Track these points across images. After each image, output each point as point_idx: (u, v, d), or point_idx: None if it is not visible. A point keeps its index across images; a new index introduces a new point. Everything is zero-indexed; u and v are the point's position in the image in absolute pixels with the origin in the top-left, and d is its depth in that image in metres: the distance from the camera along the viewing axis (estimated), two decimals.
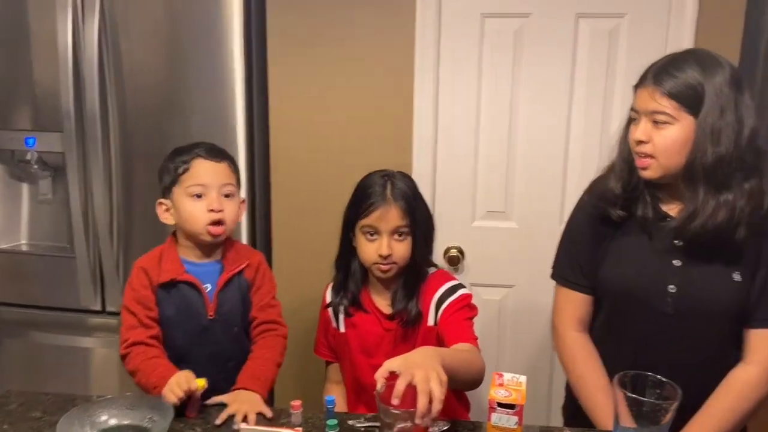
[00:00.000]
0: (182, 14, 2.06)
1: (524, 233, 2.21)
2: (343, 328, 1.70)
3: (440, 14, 2.11)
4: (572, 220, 1.64)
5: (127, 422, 1.34)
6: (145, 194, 2.17)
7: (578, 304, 1.60)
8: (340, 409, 1.64)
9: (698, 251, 1.44)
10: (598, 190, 1.55)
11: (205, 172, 1.53)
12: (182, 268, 1.56)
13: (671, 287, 1.45)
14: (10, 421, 1.39)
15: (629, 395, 1.21)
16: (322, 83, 2.19)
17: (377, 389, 1.21)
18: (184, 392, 1.37)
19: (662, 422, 1.20)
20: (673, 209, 1.48)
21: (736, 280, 1.43)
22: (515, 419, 1.26)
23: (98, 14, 2.04)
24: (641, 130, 1.41)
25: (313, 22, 2.15)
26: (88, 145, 2.12)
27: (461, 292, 1.64)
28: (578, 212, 1.63)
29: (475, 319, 1.64)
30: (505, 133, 2.17)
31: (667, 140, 1.38)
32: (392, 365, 1.22)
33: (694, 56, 1.40)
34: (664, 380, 1.24)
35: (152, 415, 1.34)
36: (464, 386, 1.52)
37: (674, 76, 1.37)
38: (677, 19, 2.00)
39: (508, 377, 1.32)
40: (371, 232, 1.59)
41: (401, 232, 1.59)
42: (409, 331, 1.64)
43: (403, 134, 2.18)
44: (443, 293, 1.64)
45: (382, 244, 1.58)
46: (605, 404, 1.51)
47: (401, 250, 1.60)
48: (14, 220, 2.33)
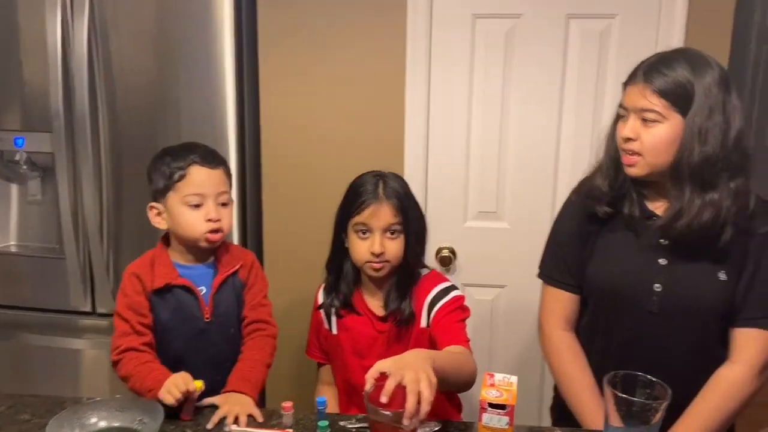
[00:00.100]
0: (172, 13, 2.05)
1: (516, 233, 2.22)
2: (335, 329, 1.70)
3: (431, 15, 2.11)
4: (559, 219, 1.64)
5: (116, 424, 1.34)
6: (135, 194, 2.16)
7: (565, 303, 1.60)
8: (331, 410, 1.64)
9: (684, 250, 1.44)
10: (585, 188, 1.56)
11: (202, 180, 1.52)
12: (176, 272, 1.56)
13: (657, 286, 1.46)
14: None
15: (619, 395, 1.21)
16: (313, 83, 2.19)
17: (366, 389, 1.21)
18: (182, 393, 1.36)
19: (652, 422, 1.21)
20: (658, 207, 1.48)
21: (721, 279, 1.44)
22: (506, 419, 1.26)
23: (87, 13, 2.03)
24: (629, 127, 1.41)
25: (304, 22, 2.15)
26: (77, 145, 2.10)
27: (454, 293, 1.65)
28: (565, 211, 1.63)
29: (467, 320, 1.64)
30: (496, 133, 2.17)
31: (655, 138, 1.39)
32: (383, 366, 1.22)
33: (684, 55, 1.40)
34: (654, 380, 1.24)
35: (142, 417, 1.33)
36: (456, 388, 1.52)
37: (665, 74, 1.37)
38: (667, 19, 2.01)
39: (499, 377, 1.32)
40: (363, 230, 1.59)
41: (393, 230, 1.59)
42: (402, 331, 1.64)
43: (394, 135, 2.18)
44: (436, 295, 1.64)
45: (374, 241, 1.58)
46: (591, 403, 1.51)
47: (394, 248, 1.60)
48: (3, 220, 2.31)
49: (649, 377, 1.25)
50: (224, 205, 1.56)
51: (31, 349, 2.29)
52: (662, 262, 1.46)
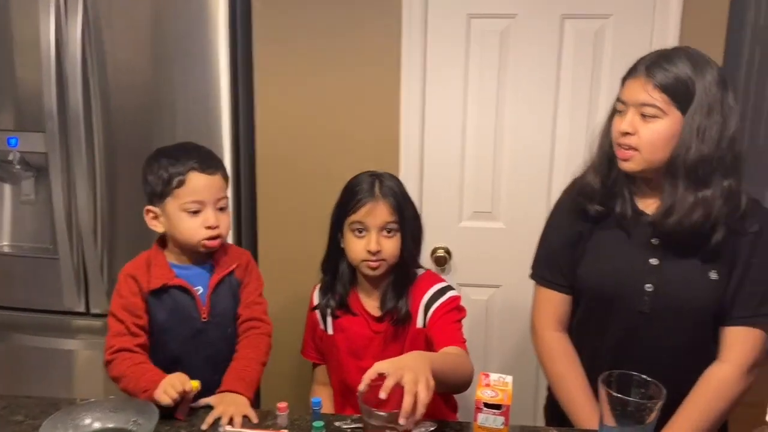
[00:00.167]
0: (167, 12, 2.05)
1: (511, 233, 2.22)
2: (330, 330, 1.69)
3: (426, 15, 2.11)
4: (551, 219, 1.64)
5: (111, 425, 1.33)
6: (129, 195, 2.15)
7: (557, 303, 1.60)
8: (326, 410, 1.64)
9: (675, 250, 1.45)
10: (576, 186, 1.55)
11: (201, 187, 1.52)
12: (172, 272, 1.55)
13: (648, 286, 1.46)
14: None
15: (614, 395, 1.22)
16: (308, 83, 2.18)
17: (359, 389, 1.22)
18: (178, 393, 1.36)
19: (647, 422, 1.21)
20: (649, 206, 1.48)
21: (712, 278, 1.44)
22: (501, 419, 1.26)
23: (81, 13, 2.02)
24: (628, 121, 1.41)
25: (299, 23, 2.14)
26: (71, 145, 2.09)
27: (450, 294, 1.65)
28: (557, 212, 1.63)
29: (463, 320, 1.64)
30: (491, 133, 2.17)
31: (653, 134, 1.38)
32: (381, 367, 1.22)
33: (685, 53, 1.40)
34: (648, 380, 1.25)
35: (137, 418, 1.33)
36: (454, 389, 1.52)
37: (667, 69, 1.37)
38: (662, 20, 2.01)
39: (494, 377, 1.32)
40: (360, 229, 1.59)
41: (390, 228, 1.59)
42: (399, 331, 1.64)
43: (389, 135, 2.18)
44: (432, 295, 1.64)
45: (370, 239, 1.58)
46: (584, 404, 1.52)
47: (390, 246, 1.59)
48: None
49: (643, 377, 1.25)
50: (222, 209, 1.56)
51: (24, 349, 2.28)
52: (653, 262, 1.47)
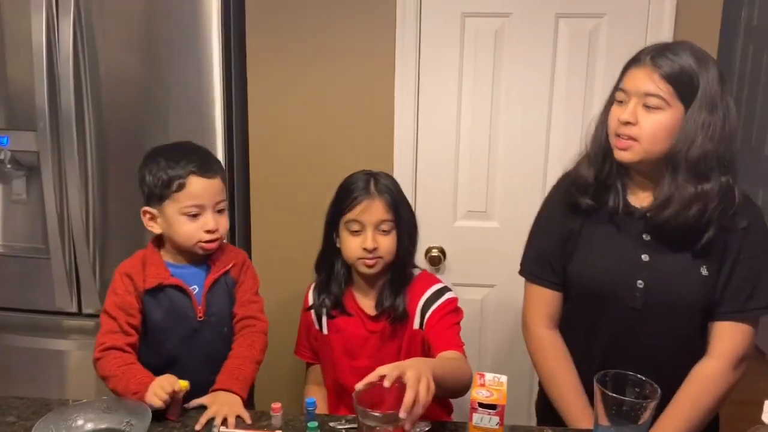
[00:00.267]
0: (159, 11, 2.03)
1: (505, 233, 2.21)
2: (325, 330, 1.69)
3: (420, 13, 2.10)
4: (541, 215, 1.64)
5: (104, 426, 1.33)
6: (121, 194, 2.14)
7: (548, 300, 1.60)
8: (320, 411, 1.63)
9: (666, 246, 1.45)
10: (569, 179, 1.55)
11: (201, 191, 1.51)
12: (167, 271, 1.55)
13: (639, 282, 1.46)
14: None
15: (610, 394, 1.21)
16: (301, 83, 2.17)
17: (357, 388, 1.22)
18: (168, 395, 1.35)
19: (642, 421, 1.21)
20: (641, 201, 1.48)
21: (703, 274, 1.44)
22: (497, 419, 1.26)
23: (73, 11, 2.00)
24: (630, 111, 1.39)
25: (292, 22, 2.13)
26: (63, 144, 2.08)
27: (447, 296, 1.64)
28: (548, 206, 1.63)
29: (461, 322, 1.64)
30: (485, 132, 2.17)
31: (656, 125, 1.37)
32: (384, 370, 1.23)
33: (689, 46, 1.40)
34: (643, 379, 1.25)
35: (130, 418, 1.32)
36: (452, 394, 1.52)
37: (672, 60, 1.36)
38: (656, 19, 2.02)
39: (489, 377, 1.32)
40: (355, 227, 1.58)
41: (386, 226, 1.59)
42: (395, 330, 1.64)
43: (384, 134, 2.17)
44: (429, 297, 1.63)
45: (366, 237, 1.57)
46: (577, 402, 1.52)
47: (386, 244, 1.59)
48: None
49: (639, 376, 1.25)
50: (221, 212, 1.56)
51: (15, 350, 2.27)
52: (645, 258, 1.46)
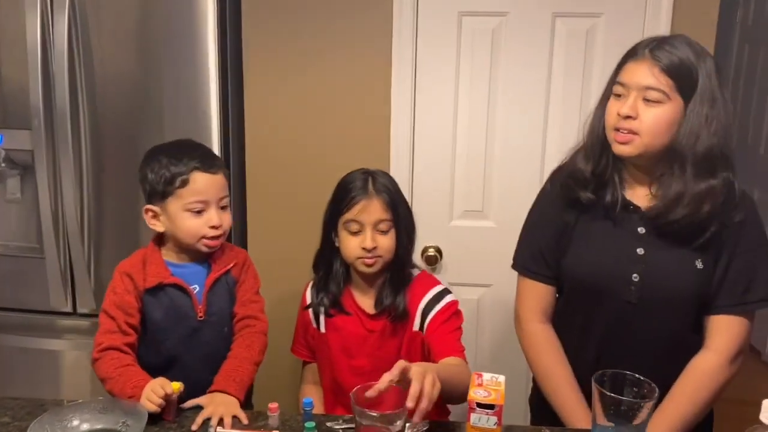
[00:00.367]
0: (155, 9, 2.02)
1: (502, 232, 2.20)
2: (323, 328, 1.68)
3: (417, 12, 2.10)
4: (534, 208, 1.63)
5: (99, 427, 1.32)
6: (116, 193, 2.13)
7: (541, 295, 1.59)
8: (317, 410, 1.62)
9: (661, 240, 1.44)
10: (564, 172, 1.54)
11: (204, 187, 1.51)
12: (168, 271, 1.54)
13: (635, 276, 1.46)
14: None
15: (608, 394, 1.21)
16: (298, 82, 2.17)
17: (367, 396, 1.21)
18: (161, 398, 1.34)
19: (640, 420, 1.21)
20: (637, 195, 1.48)
21: (698, 267, 1.44)
22: (494, 419, 1.26)
23: (68, 9, 1.99)
24: (630, 105, 1.38)
25: (288, 20, 2.13)
26: (57, 143, 2.07)
27: (448, 299, 1.64)
28: (541, 200, 1.62)
29: (461, 325, 1.65)
30: (482, 132, 2.17)
31: (657, 118, 1.37)
32: (390, 375, 1.23)
33: (686, 39, 1.40)
34: (642, 379, 1.24)
35: (126, 419, 1.31)
36: (453, 400, 1.52)
37: (671, 53, 1.36)
38: (653, 18, 2.02)
39: (487, 377, 1.31)
40: (354, 226, 1.58)
41: (384, 225, 1.58)
42: (395, 329, 1.63)
43: (380, 133, 2.17)
44: (430, 300, 1.63)
45: (365, 237, 1.57)
46: (571, 396, 1.52)
47: (385, 243, 1.59)
48: None
49: (637, 376, 1.25)
50: (224, 208, 1.56)
51: (10, 350, 2.25)
52: (640, 251, 1.46)
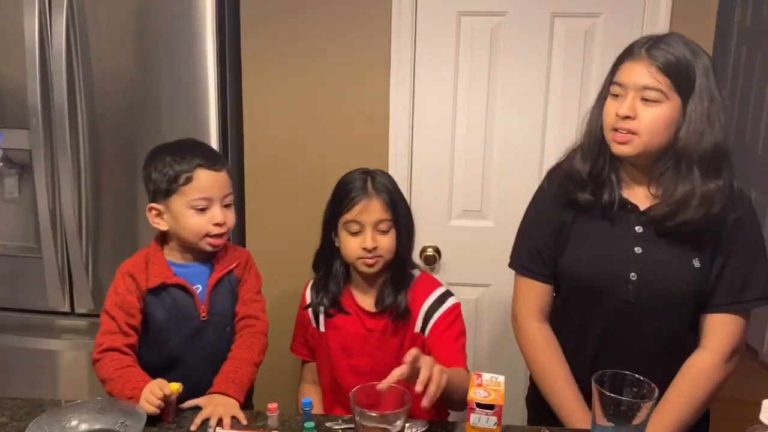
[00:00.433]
0: (153, 8, 2.02)
1: (500, 232, 2.20)
2: (323, 327, 1.68)
3: (416, 12, 2.10)
4: (532, 207, 1.63)
5: (98, 427, 1.32)
6: (114, 193, 2.13)
7: (539, 293, 1.59)
8: (316, 410, 1.62)
9: (659, 238, 1.44)
10: (561, 172, 1.54)
11: (208, 184, 1.51)
12: (170, 271, 1.54)
13: (632, 275, 1.46)
14: None
15: (607, 394, 1.21)
16: (296, 81, 2.16)
17: (380, 387, 1.24)
18: (160, 400, 1.34)
19: (639, 420, 1.21)
20: (634, 194, 1.48)
21: (696, 267, 1.44)
22: (494, 419, 1.26)
23: (66, 8, 1.98)
24: (628, 105, 1.38)
25: (287, 19, 2.12)
26: (55, 142, 2.06)
27: (450, 302, 1.65)
28: (538, 199, 1.62)
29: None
30: (481, 131, 2.17)
31: (655, 118, 1.37)
32: (401, 369, 1.25)
33: (680, 37, 1.40)
34: (641, 379, 1.24)
35: (125, 419, 1.31)
36: (454, 406, 1.53)
37: (667, 52, 1.36)
38: (651, 18, 2.02)
39: (486, 377, 1.31)
40: (354, 227, 1.58)
41: (384, 225, 1.58)
42: (398, 327, 1.63)
43: (379, 133, 2.17)
44: (433, 303, 1.64)
45: (366, 237, 1.57)
46: (570, 395, 1.52)
47: (386, 242, 1.59)
48: None
49: (636, 376, 1.25)
50: (228, 206, 1.56)
51: (7, 350, 2.25)
52: (638, 250, 1.46)
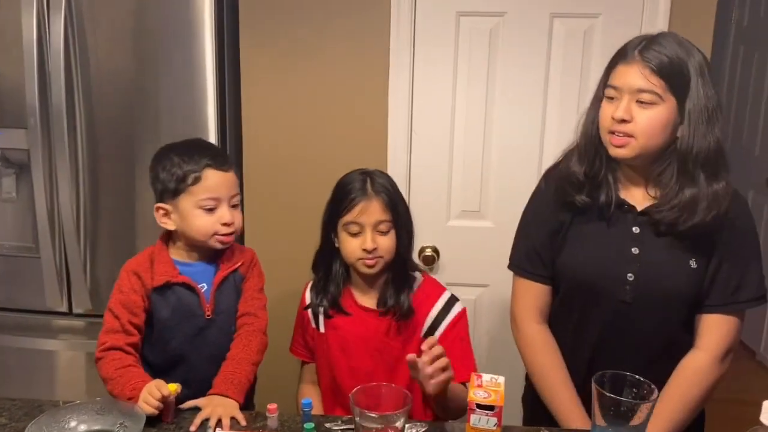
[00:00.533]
0: (151, 8, 2.02)
1: (499, 233, 2.20)
2: (323, 328, 1.68)
3: (415, 12, 2.10)
4: (529, 208, 1.63)
5: (97, 428, 1.31)
6: (112, 193, 2.13)
7: (537, 294, 1.59)
8: (315, 411, 1.62)
9: (656, 239, 1.45)
10: (558, 174, 1.54)
11: (217, 184, 1.51)
12: (176, 269, 1.54)
13: (629, 275, 1.46)
14: None
15: (607, 395, 1.21)
16: (295, 82, 2.16)
17: (409, 359, 1.33)
18: (158, 401, 1.34)
19: (639, 421, 1.21)
20: (632, 196, 1.48)
21: (693, 267, 1.44)
22: (494, 420, 1.26)
23: (64, 8, 1.98)
24: (624, 108, 1.38)
25: (286, 19, 2.12)
26: (53, 142, 2.06)
27: (456, 310, 1.66)
28: (535, 199, 1.62)
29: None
30: (480, 132, 2.17)
31: (651, 120, 1.37)
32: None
33: (673, 36, 1.40)
34: (641, 380, 1.24)
35: (123, 420, 1.31)
36: (449, 414, 1.54)
37: (660, 53, 1.36)
38: (650, 19, 2.02)
39: (486, 378, 1.31)
40: (354, 228, 1.58)
41: (384, 226, 1.58)
42: (400, 327, 1.63)
43: (377, 133, 2.16)
44: (440, 312, 1.65)
45: (366, 238, 1.57)
46: (566, 397, 1.52)
47: (386, 243, 1.58)
48: None
49: (636, 377, 1.25)
50: (235, 206, 1.56)
51: (5, 350, 2.24)
52: (635, 251, 1.46)
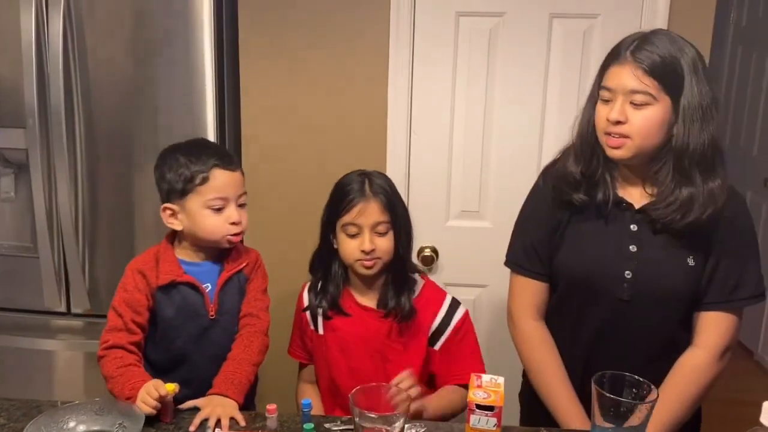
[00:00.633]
0: (150, 7, 2.02)
1: (498, 233, 2.18)
2: (321, 330, 1.68)
3: (414, 13, 2.10)
4: (527, 206, 1.63)
5: (96, 428, 1.31)
6: (111, 192, 2.13)
7: (534, 292, 1.59)
8: (315, 411, 1.62)
9: (654, 237, 1.45)
10: (555, 174, 1.54)
11: (224, 184, 1.52)
12: (180, 269, 1.54)
13: (627, 273, 1.46)
14: None
15: (607, 395, 1.21)
16: (294, 82, 2.16)
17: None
18: (156, 400, 1.34)
19: (639, 422, 1.21)
20: (629, 194, 1.48)
21: (690, 265, 1.44)
22: (494, 421, 1.26)
23: (63, 7, 1.98)
24: (618, 109, 1.38)
25: (285, 19, 2.12)
26: (52, 141, 2.05)
27: (459, 314, 1.67)
28: (533, 197, 1.62)
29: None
30: (479, 132, 2.17)
31: (647, 121, 1.36)
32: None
33: (665, 34, 1.40)
34: (641, 380, 1.24)
35: (122, 420, 1.31)
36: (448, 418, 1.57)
37: (652, 53, 1.35)
38: (649, 19, 2.02)
39: (486, 379, 1.32)
40: (353, 229, 1.57)
41: (382, 227, 1.58)
42: (401, 328, 1.63)
43: (377, 134, 2.16)
44: (443, 319, 1.65)
45: (364, 239, 1.56)
46: (563, 395, 1.52)
47: (384, 244, 1.58)
48: None
49: (636, 377, 1.25)
50: (242, 206, 1.57)
51: (3, 350, 2.24)
52: (632, 248, 1.46)
